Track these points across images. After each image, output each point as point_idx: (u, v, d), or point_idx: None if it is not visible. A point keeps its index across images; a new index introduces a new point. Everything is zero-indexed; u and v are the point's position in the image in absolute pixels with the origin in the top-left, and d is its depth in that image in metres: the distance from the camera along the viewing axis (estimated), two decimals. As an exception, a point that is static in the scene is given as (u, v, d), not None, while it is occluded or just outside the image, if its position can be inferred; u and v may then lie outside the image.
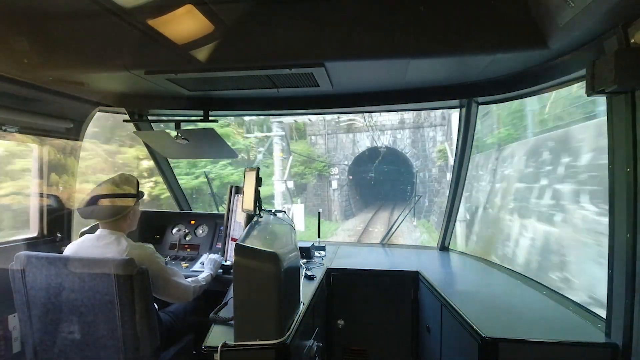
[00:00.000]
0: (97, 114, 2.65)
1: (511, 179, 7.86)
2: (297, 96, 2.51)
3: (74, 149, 2.59)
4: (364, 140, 20.15)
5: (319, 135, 20.42)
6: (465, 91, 2.32)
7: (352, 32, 1.65)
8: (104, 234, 1.83)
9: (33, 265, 1.62)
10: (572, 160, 5.27)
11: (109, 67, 1.88)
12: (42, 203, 2.43)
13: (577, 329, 1.62)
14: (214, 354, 1.40)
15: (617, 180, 1.44)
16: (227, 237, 2.48)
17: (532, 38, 1.54)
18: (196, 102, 2.59)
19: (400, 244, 3.76)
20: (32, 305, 1.65)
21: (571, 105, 6.19)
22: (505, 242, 7.25)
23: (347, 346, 2.59)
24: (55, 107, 2.30)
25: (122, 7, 1.37)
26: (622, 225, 1.41)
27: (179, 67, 1.88)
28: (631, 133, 1.35)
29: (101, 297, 1.60)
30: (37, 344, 1.68)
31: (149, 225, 2.89)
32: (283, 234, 1.93)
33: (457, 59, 1.85)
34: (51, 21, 1.55)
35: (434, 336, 2.15)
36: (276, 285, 1.42)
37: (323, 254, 2.87)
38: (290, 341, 1.45)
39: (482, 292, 2.10)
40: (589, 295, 3.86)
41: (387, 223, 16.16)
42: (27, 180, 2.49)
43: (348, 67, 1.94)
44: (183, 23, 1.52)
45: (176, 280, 1.92)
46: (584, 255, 4.35)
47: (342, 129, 20.15)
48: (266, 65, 1.83)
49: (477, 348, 1.56)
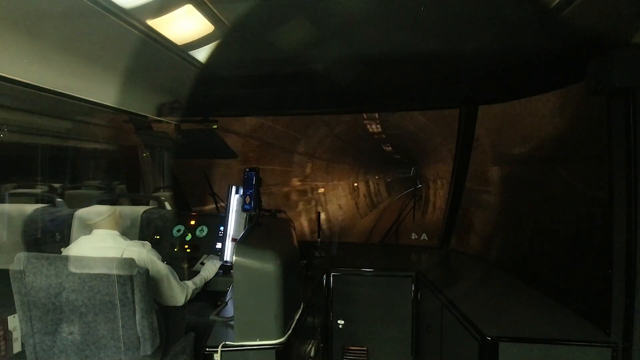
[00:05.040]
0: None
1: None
2: (297, 96, 2.51)
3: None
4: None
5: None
6: (465, 91, 2.32)
7: (352, 32, 1.65)
8: (100, 233, 1.84)
9: (33, 265, 1.61)
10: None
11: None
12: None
13: (577, 329, 1.62)
14: (214, 354, 1.40)
15: (617, 180, 1.44)
16: (227, 237, 2.48)
17: (532, 38, 1.54)
18: (196, 103, 2.59)
19: (401, 243, 3.76)
20: (32, 306, 1.65)
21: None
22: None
23: (347, 346, 2.59)
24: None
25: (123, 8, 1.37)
26: (622, 225, 1.41)
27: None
28: (631, 133, 1.35)
29: (101, 297, 1.59)
30: (37, 344, 1.68)
31: (149, 225, 2.88)
32: (283, 234, 1.94)
33: (457, 58, 1.85)
34: (51, 21, 1.55)
35: (434, 336, 2.15)
36: (276, 285, 1.42)
37: (323, 254, 2.87)
38: (290, 341, 1.45)
39: (482, 292, 2.10)
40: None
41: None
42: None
43: (348, 67, 1.94)
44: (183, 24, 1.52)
45: (172, 280, 1.92)
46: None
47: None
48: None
49: (477, 347, 1.56)
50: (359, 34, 1.64)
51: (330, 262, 2.72)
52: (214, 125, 2.83)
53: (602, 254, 1.55)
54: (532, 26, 1.49)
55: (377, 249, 3.28)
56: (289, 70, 1.97)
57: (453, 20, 1.50)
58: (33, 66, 1.73)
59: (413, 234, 4.38)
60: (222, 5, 1.40)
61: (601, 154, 1.63)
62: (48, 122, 2.71)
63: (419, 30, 1.58)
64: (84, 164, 4.57)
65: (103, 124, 3.92)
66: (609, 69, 1.32)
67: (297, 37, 1.67)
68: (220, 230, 2.81)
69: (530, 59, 1.82)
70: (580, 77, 1.71)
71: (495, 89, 2.23)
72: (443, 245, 3.10)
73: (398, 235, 4.03)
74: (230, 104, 2.63)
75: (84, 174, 4.58)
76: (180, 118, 2.71)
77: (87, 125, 3.84)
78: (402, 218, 3.63)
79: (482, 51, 1.70)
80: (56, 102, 2.25)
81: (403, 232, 4.11)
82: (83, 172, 4.57)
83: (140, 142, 3.40)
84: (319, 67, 1.96)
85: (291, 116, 7.11)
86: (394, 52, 1.76)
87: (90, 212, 1.86)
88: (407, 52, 1.76)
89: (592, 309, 1.73)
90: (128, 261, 1.59)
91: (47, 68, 1.81)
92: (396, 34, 1.62)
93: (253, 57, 1.85)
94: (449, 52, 1.72)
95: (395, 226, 3.70)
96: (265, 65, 1.93)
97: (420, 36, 1.61)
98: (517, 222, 3.67)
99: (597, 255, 1.95)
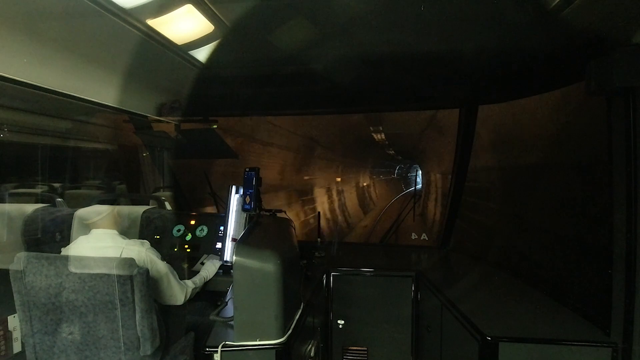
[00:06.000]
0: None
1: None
2: (297, 96, 2.51)
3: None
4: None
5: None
6: (465, 91, 2.32)
7: (352, 32, 1.64)
8: (98, 232, 1.84)
9: (33, 265, 1.61)
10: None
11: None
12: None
13: (577, 329, 1.62)
14: (214, 354, 1.40)
15: (617, 180, 1.44)
16: (227, 237, 2.48)
17: (532, 38, 1.54)
18: (196, 103, 2.60)
19: (400, 243, 3.76)
20: (32, 306, 1.65)
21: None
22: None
23: (347, 346, 2.59)
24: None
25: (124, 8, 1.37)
26: (622, 225, 1.41)
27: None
28: (631, 133, 1.35)
29: (101, 297, 1.60)
30: (37, 344, 1.68)
31: (149, 225, 2.88)
32: (283, 234, 1.94)
33: (457, 58, 1.85)
34: (51, 21, 1.55)
35: (434, 336, 2.15)
36: (276, 285, 1.42)
37: (323, 254, 2.87)
38: (290, 341, 1.45)
39: (482, 292, 2.10)
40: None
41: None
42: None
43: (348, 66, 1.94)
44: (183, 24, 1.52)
45: (172, 279, 1.92)
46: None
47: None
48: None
49: (477, 347, 1.56)
50: (359, 34, 1.64)
51: (330, 262, 2.72)
52: (214, 125, 2.83)
53: (602, 254, 1.56)
54: (532, 26, 1.49)
55: (377, 249, 3.28)
56: (289, 70, 1.97)
57: (453, 20, 1.50)
58: (33, 66, 1.73)
59: (413, 233, 4.38)
60: (222, 5, 1.40)
61: (601, 154, 1.63)
62: (48, 122, 2.71)
63: (419, 30, 1.58)
64: (84, 163, 4.57)
65: (103, 123, 3.92)
66: (609, 69, 1.32)
67: (297, 37, 1.67)
68: (220, 230, 2.80)
69: (530, 59, 1.82)
70: (580, 77, 1.72)
71: (495, 89, 2.23)
72: (443, 245, 3.10)
73: (398, 235, 4.04)
74: (230, 104, 2.63)
75: (84, 174, 4.58)
76: (180, 118, 2.71)
77: (87, 125, 3.84)
78: (401, 218, 3.63)
79: (482, 51, 1.70)
80: (56, 102, 2.25)
81: (403, 232, 4.12)
82: (83, 171, 4.57)
83: (140, 142, 3.40)
84: (319, 67, 1.96)
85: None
86: (394, 52, 1.76)
87: (90, 211, 1.86)
88: (407, 52, 1.76)
89: (592, 309, 1.73)
90: (128, 261, 1.59)
91: (47, 68, 1.81)
92: (396, 34, 1.62)
93: (253, 57, 1.85)
94: (449, 52, 1.72)
95: (395, 226, 3.69)
96: (265, 65, 1.93)
97: (420, 36, 1.61)
98: (517, 222, 3.67)
99: (597, 255, 1.95)
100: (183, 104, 2.60)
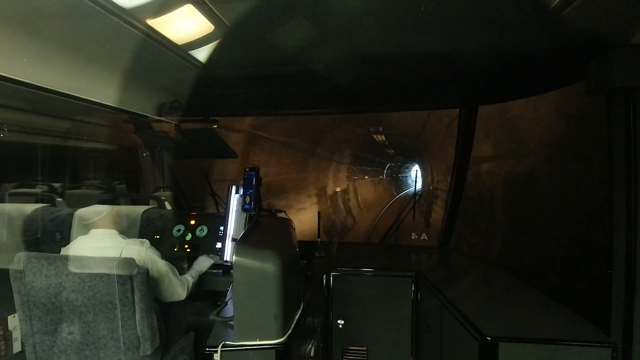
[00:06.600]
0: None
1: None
2: (297, 96, 2.52)
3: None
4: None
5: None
6: (465, 91, 2.32)
7: (352, 32, 1.64)
8: (98, 232, 1.84)
9: (33, 265, 1.61)
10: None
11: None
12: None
13: (577, 329, 1.62)
14: (214, 354, 1.40)
15: (617, 180, 1.44)
16: (227, 237, 2.48)
17: (532, 38, 1.54)
18: (196, 103, 2.60)
19: (400, 243, 3.76)
20: (32, 306, 1.65)
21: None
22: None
23: (347, 346, 2.59)
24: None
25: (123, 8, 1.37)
26: (622, 225, 1.41)
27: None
28: (631, 133, 1.36)
29: (101, 297, 1.59)
30: (37, 344, 1.68)
31: (149, 225, 2.88)
32: (283, 234, 1.94)
33: (457, 58, 1.85)
34: (51, 21, 1.55)
35: (434, 336, 2.15)
36: (276, 285, 1.42)
37: (323, 254, 2.87)
38: (290, 341, 1.45)
39: (482, 292, 2.11)
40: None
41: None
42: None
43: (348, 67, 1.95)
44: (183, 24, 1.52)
45: (172, 276, 1.92)
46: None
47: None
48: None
49: (477, 347, 1.56)
50: (359, 34, 1.64)
51: (330, 262, 2.72)
52: (214, 125, 2.83)
53: (602, 254, 1.56)
54: (532, 26, 1.49)
55: (377, 249, 3.28)
56: (289, 70, 1.97)
57: (453, 20, 1.50)
58: (33, 66, 1.73)
59: (413, 233, 4.38)
60: (222, 5, 1.40)
61: (601, 154, 1.63)
62: (48, 122, 2.71)
63: (419, 30, 1.58)
64: (84, 163, 4.57)
65: (103, 123, 3.92)
66: (609, 69, 1.32)
67: (297, 37, 1.67)
68: (220, 230, 2.81)
69: (531, 59, 1.82)
70: (580, 77, 1.72)
71: (495, 89, 2.23)
72: (443, 245, 3.11)
73: (398, 235, 4.04)
74: (230, 104, 2.63)
75: (84, 174, 4.57)
76: (180, 118, 2.71)
77: (87, 125, 3.84)
78: (401, 218, 3.62)
79: (482, 51, 1.70)
80: (56, 102, 2.25)
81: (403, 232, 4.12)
82: (83, 171, 4.57)
83: (140, 142, 3.40)
84: (319, 67, 1.96)
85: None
86: (394, 52, 1.76)
87: (90, 211, 1.86)
88: (407, 52, 1.76)
89: (592, 309, 1.73)
90: (128, 261, 1.59)
91: (47, 68, 1.81)
92: (396, 34, 1.62)
93: (253, 57, 1.85)
94: (449, 52, 1.72)
95: (395, 226, 3.69)
96: (265, 65, 1.93)
97: (420, 36, 1.61)
98: (517, 222, 3.68)
99: (597, 256, 1.95)
100: (183, 104, 2.60)
